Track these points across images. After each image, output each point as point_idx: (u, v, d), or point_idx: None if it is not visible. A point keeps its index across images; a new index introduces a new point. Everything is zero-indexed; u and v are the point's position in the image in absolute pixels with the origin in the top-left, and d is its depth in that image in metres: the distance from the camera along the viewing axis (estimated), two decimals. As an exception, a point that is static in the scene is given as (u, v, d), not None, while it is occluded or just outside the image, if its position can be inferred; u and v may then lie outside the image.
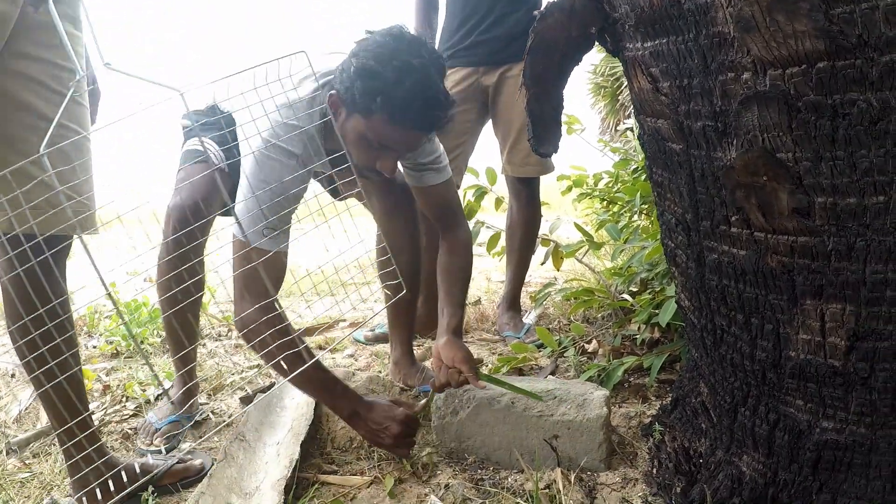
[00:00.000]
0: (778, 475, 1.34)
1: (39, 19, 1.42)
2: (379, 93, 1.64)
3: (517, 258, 3.07)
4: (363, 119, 1.70)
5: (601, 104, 16.39)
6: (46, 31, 1.44)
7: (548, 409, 1.81)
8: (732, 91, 1.05)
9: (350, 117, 1.74)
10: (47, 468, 1.90)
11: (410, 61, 1.64)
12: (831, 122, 0.97)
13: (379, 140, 1.73)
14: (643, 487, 1.69)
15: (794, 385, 1.24)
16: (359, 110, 1.70)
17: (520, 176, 2.92)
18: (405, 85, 1.63)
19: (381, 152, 1.77)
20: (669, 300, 2.13)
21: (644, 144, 1.39)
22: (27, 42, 1.43)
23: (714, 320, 1.36)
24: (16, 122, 1.45)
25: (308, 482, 1.78)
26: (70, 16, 1.50)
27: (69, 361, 1.55)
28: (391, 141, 1.74)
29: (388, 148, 1.76)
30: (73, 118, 1.52)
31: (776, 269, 1.14)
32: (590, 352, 2.59)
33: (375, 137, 1.73)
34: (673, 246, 1.41)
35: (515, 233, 3.03)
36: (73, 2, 1.51)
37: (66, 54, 1.48)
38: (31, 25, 1.43)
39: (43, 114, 1.46)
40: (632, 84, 1.31)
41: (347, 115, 1.75)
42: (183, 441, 2.08)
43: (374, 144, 1.75)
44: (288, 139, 1.75)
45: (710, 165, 1.15)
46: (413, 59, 1.65)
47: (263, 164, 1.74)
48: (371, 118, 1.69)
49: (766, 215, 1.10)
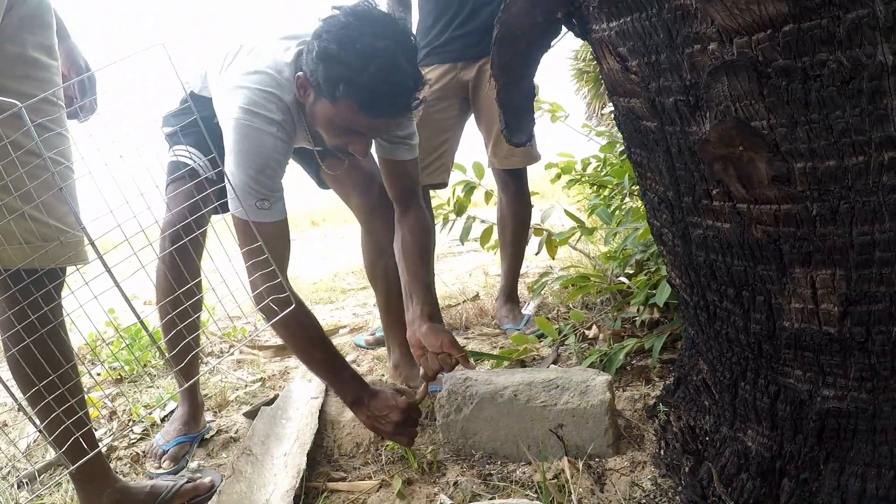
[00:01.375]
0: (784, 448, 1.32)
1: (13, 51, 1.40)
2: (342, 80, 1.59)
3: (511, 251, 3.06)
4: (330, 104, 1.66)
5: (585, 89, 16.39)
6: (23, 62, 1.42)
7: (551, 399, 1.80)
8: (700, 63, 1.03)
9: (317, 101, 1.71)
10: (59, 498, 1.89)
11: (375, 44, 1.58)
12: (803, 85, 0.95)
13: (347, 125, 1.69)
14: (652, 469, 1.69)
15: (791, 355, 1.23)
16: (324, 95, 1.66)
17: (506, 168, 2.91)
18: (370, 70, 1.57)
19: (351, 136, 1.74)
20: (665, 279, 2.12)
21: (620, 125, 1.37)
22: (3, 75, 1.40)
23: (706, 296, 1.34)
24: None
25: (317, 491, 1.77)
26: (44, 46, 1.48)
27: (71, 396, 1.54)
28: (359, 126, 1.70)
29: (357, 132, 1.73)
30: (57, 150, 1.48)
31: (762, 239, 1.13)
32: (590, 338, 2.57)
33: (343, 123, 1.69)
34: (658, 225, 1.40)
35: (507, 225, 3.02)
36: (45, 32, 1.48)
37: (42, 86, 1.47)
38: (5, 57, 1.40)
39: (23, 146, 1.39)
40: (602, 65, 1.30)
41: (315, 97, 1.71)
42: (191, 460, 2.07)
43: (342, 129, 1.71)
44: (266, 105, 1.71)
45: (686, 140, 1.14)
46: (378, 41, 1.58)
47: (244, 134, 1.70)
48: (337, 104, 1.65)
49: (747, 186, 1.08)
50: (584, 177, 3.46)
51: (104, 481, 1.66)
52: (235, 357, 3.11)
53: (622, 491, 1.61)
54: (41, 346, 1.47)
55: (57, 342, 1.51)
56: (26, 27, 1.43)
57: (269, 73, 1.75)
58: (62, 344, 1.54)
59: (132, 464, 2.11)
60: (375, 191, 2.24)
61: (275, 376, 2.79)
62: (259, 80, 1.73)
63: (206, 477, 1.88)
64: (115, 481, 1.70)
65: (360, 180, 2.24)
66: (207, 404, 2.47)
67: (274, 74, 1.75)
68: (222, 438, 2.18)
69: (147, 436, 2.30)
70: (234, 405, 2.49)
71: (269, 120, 1.70)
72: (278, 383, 2.70)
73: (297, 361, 2.95)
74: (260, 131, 1.70)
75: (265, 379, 2.75)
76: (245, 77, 1.75)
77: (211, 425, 2.27)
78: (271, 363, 2.97)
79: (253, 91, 1.71)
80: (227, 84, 1.79)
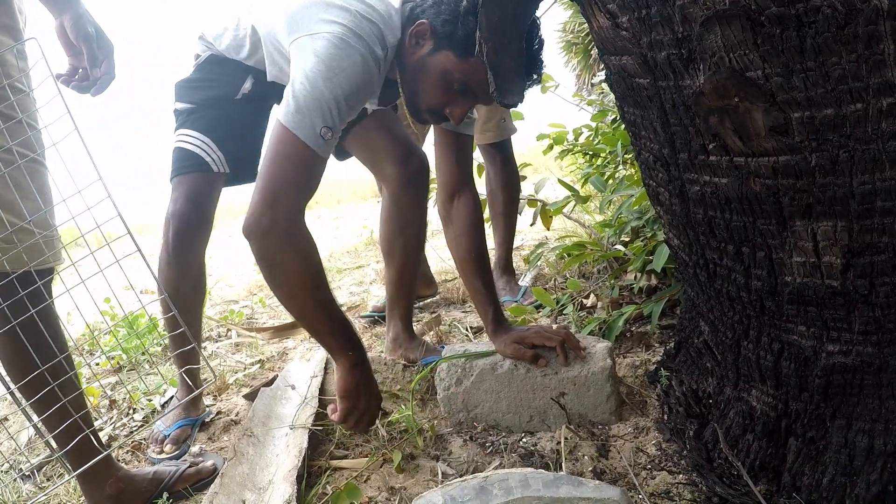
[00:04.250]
0: (789, 406, 1.31)
1: None
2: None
3: (503, 222, 3.04)
4: (456, 58, 1.61)
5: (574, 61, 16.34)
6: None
7: (552, 368, 1.78)
8: (692, 14, 1.01)
9: (437, 52, 1.64)
10: (62, 489, 1.88)
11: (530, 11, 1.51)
12: (797, 32, 0.93)
13: (465, 83, 1.63)
14: (656, 435, 1.68)
15: (794, 311, 1.21)
16: (454, 48, 1.60)
17: (482, 143, 2.91)
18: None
19: (458, 97, 1.68)
20: (662, 245, 2.11)
21: (612, 85, 1.35)
22: None
23: (705, 255, 1.32)
24: None
25: (320, 469, 1.76)
26: (6, 25, 1.39)
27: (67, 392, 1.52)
28: (480, 87, 1.63)
29: (472, 94, 1.66)
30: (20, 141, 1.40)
31: (761, 192, 1.11)
32: (588, 306, 2.56)
33: (462, 80, 1.63)
34: (654, 185, 1.37)
35: (497, 196, 3.01)
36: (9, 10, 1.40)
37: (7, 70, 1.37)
38: None
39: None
40: (591, 24, 1.27)
41: (434, 48, 1.65)
42: (193, 444, 2.06)
43: (456, 87, 1.65)
44: (370, 36, 1.58)
45: (680, 95, 1.11)
46: (532, 9, 1.51)
47: (345, 52, 1.53)
48: (466, 60, 1.59)
49: (743, 138, 1.06)
50: (577, 146, 3.43)
51: (106, 471, 1.64)
52: (233, 340, 3.10)
53: (627, 457, 1.60)
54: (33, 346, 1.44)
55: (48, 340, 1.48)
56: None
57: (377, 9, 1.65)
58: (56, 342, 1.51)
59: (133, 451, 2.10)
60: (414, 164, 2.17)
61: (273, 357, 2.77)
62: (365, 10, 1.61)
63: (209, 460, 1.87)
64: (118, 470, 1.68)
65: (398, 151, 2.16)
66: (207, 388, 2.46)
67: (381, 11, 1.65)
68: (223, 421, 2.17)
69: (147, 422, 2.28)
70: (233, 388, 2.48)
71: (371, 50, 1.58)
72: (277, 364, 2.68)
73: (294, 342, 2.94)
74: (363, 55, 1.56)
75: (264, 361, 2.74)
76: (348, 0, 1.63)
77: (211, 409, 2.25)
78: (269, 345, 2.95)
79: (359, 17, 1.59)
80: (319, 2, 1.64)
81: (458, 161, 1.99)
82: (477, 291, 1.95)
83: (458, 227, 1.98)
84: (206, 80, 1.99)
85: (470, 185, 2.00)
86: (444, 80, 1.65)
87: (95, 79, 1.54)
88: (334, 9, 1.60)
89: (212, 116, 1.97)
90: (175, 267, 1.99)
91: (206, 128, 1.96)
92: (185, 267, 2.01)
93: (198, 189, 1.95)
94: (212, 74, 1.98)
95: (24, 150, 1.41)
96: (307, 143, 1.49)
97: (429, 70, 1.66)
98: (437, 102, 1.70)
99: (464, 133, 1.97)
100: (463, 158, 2.00)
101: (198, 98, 1.99)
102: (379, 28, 1.61)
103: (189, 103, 1.99)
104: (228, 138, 1.98)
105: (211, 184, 1.98)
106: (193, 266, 2.03)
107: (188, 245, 1.98)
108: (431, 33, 1.64)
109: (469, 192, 1.99)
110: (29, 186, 1.41)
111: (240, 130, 2.02)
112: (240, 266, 5.32)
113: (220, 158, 1.96)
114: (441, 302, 3.20)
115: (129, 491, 1.67)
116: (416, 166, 2.17)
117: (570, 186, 2.89)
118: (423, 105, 1.73)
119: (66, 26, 1.48)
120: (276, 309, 3.72)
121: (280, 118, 1.51)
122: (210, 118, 1.97)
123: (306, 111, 1.49)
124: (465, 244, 1.96)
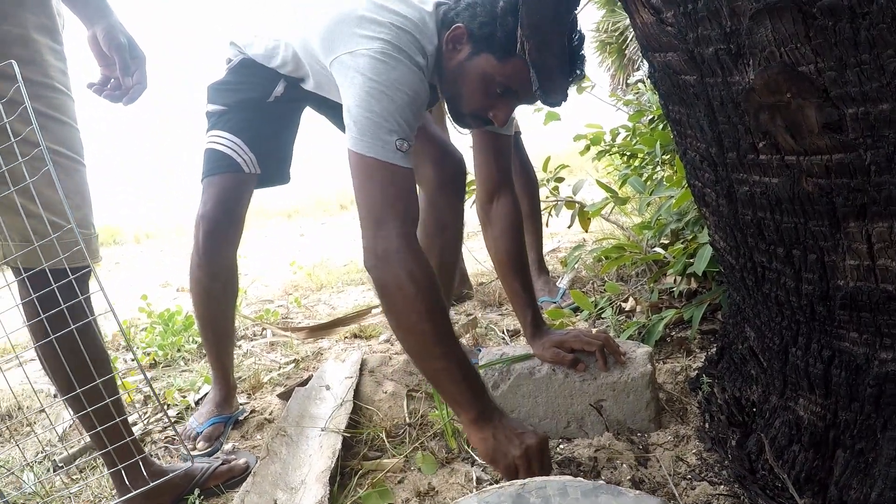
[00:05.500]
0: (838, 416, 1.26)
1: (13, 32, 1.33)
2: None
3: (531, 224, 3.01)
4: (496, 61, 1.57)
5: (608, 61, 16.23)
6: (22, 45, 1.35)
7: (590, 373, 1.75)
8: (741, 7, 0.97)
9: (476, 56, 1.61)
10: (94, 482, 1.89)
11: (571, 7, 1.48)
12: (851, 24, 0.89)
13: (507, 86, 1.60)
14: (696, 444, 1.63)
15: (847, 316, 1.16)
16: (494, 50, 1.57)
17: None
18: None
19: (501, 99, 1.64)
20: (703, 247, 2.06)
21: (656, 83, 1.31)
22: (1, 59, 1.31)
23: (753, 258, 1.28)
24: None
25: (353, 471, 1.74)
26: (47, 27, 1.41)
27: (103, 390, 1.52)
28: (523, 88, 1.59)
29: (515, 95, 1.63)
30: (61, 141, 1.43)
31: (813, 192, 1.06)
32: (627, 310, 2.52)
33: (504, 82, 1.59)
34: (700, 185, 1.33)
35: (521, 199, 2.97)
36: (46, 11, 1.41)
37: (46, 71, 1.39)
38: (3, 39, 1.33)
39: (25, 138, 1.34)
40: (634, 21, 1.23)
41: (473, 52, 1.61)
42: (226, 442, 2.06)
43: (498, 90, 1.62)
44: (410, 47, 1.56)
45: (729, 92, 1.07)
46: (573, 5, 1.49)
47: (391, 65, 1.52)
48: (507, 61, 1.56)
49: (796, 136, 1.02)
50: (614, 147, 3.39)
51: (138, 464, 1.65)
52: (268, 339, 3.10)
53: (666, 466, 1.56)
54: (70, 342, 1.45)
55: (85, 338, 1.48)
56: (27, 6, 1.36)
57: (412, 18, 1.62)
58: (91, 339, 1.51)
59: (166, 447, 2.10)
60: (451, 165, 2.14)
61: (308, 357, 2.77)
62: (400, 21, 1.59)
63: (241, 458, 1.87)
64: (150, 464, 1.68)
65: (435, 152, 2.13)
66: (242, 386, 2.46)
67: (415, 20, 1.62)
68: (257, 420, 2.17)
69: (181, 419, 2.29)
70: (268, 387, 2.48)
71: (414, 60, 1.56)
72: (312, 364, 2.68)
73: (329, 342, 2.93)
74: (408, 66, 1.54)
75: (299, 360, 2.74)
76: (381, 13, 1.60)
77: (245, 407, 2.25)
78: (304, 345, 2.95)
79: (394, 29, 1.57)
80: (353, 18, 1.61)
81: (496, 161, 1.96)
82: (515, 294, 1.92)
83: (496, 228, 1.95)
84: (238, 83, 1.99)
85: (509, 186, 1.97)
86: (486, 83, 1.62)
87: (127, 88, 1.55)
88: (367, 22, 1.57)
89: (243, 118, 1.97)
90: (205, 268, 2.00)
91: (237, 129, 1.96)
92: (214, 268, 2.01)
93: (228, 190, 1.95)
94: (244, 77, 1.98)
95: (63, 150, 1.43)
96: (385, 160, 1.47)
97: (469, 75, 1.63)
98: (479, 107, 1.67)
99: (502, 133, 1.94)
100: (502, 159, 1.97)
101: (230, 100, 1.99)
102: (415, 37, 1.59)
103: (221, 105, 1.99)
104: (259, 140, 1.97)
105: (241, 185, 1.97)
106: (223, 267, 2.04)
107: (218, 246, 1.98)
108: (468, 37, 1.61)
109: (509, 193, 1.96)
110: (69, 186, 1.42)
111: (271, 132, 2.02)
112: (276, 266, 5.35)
113: (251, 159, 1.96)
114: (477, 304, 3.17)
115: (161, 486, 1.67)
116: (452, 167, 2.14)
117: (608, 188, 2.85)
118: (465, 110, 1.70)
119: (99, 37, 1.50)
120: (311, 309, 3.73)
121: (350, 147, 1.50)
122: (241, 120, 1.96)
123: (373, 131, 1.47)
124: (505, 245, 1.93)
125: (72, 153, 1.45)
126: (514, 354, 1.86)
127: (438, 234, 2.24)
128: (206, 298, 2.06)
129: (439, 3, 1.70)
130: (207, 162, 1.98)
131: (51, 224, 1.38)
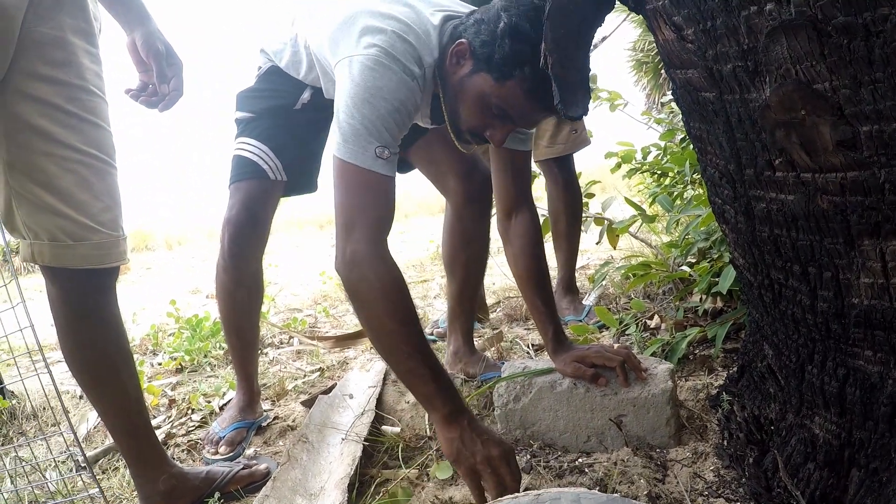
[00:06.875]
0: (853, 435, 1.25)
1: (50, 34, 1.36)
2: (527, 62, 1.48)
3: (566, 243, 3.01)
4: (493, 82, 1.55)
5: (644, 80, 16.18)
6: (59, 47, 1.38)
7: (611, 388, 1.75)
8: (757, 25, 0.98)
9: (475, 74, 1.58)
10: (116, 483, 1.93)
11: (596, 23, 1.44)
12: (865, 42, 0.89)
13: (503, 108, 1.58)
14: (715, 461, 1.63)
15: (861, 335, 1.16)
16: (492, 71, 1.55)
17: (552, 157, 2.86)
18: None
19: (497, 120, 1.62)
20: (729, 267, 2.05)
21: (678, 100, 1.32)
22: (38, 60, 1.36)
23: (770, 275, 1.28)
24: (30, 149, 1.38)
25: (371, 479, 1.76)
26: (84, 30, 1.44)
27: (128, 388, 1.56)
28: (517, 113, 1.59)
29: (509, 118, 1.60)
30: (93, 143, 1.46)
31: (828, 210, 1.07)
32: (652, 327, 2.51)
33: (499, 104, 1.57)
34: (720, 202, 1.34)
35: (560, 218, 2.97)
36: (83, 14, 1.44)
37: (81, 73, 1.43)
38: (40, 41, 1.35)
39: (59, 140, 1.39)
40: (657, 37, 1.25)
41: (473, 70, 1.59)
42: (248, 447, 2.09)
43: (494, 111, 1.59)
44: (406, 56, 1.56)
45: (746, 108, 1.08)
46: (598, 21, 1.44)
47: (380, 72, 1.52)
48: (504, 84, 1.53)
49: (810, 153, 1.03)
50: (645, 165, 3.39)
51: (160, 467, 1.68)
52: (295, 347, 3.14)
53: (684, 482, 1.56)
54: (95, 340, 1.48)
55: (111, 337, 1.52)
56: (64, 9, 1.39)
57: (414, 28, 1.62)
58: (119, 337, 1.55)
59: (189, 451, 2.14)
60: (477, 179, 2.15)
61: (333, 366, 2.80)
62: (401, 29, 1.59)
63: (262, 463, 1.89)
64: (171, 466, 1.71)
65: (462, 166, 2.14)
66: (266, 393, 2.50)
67: (417, 30, 1.63)
68: (279, 426, 2.19)
69: (205, 424, 2.33)
70: (292, 394, 2.51)
71: (408, 70, 1.56)
72: (337, 373, 2.71)
73: (355, 352, 2.96)
74: (399, 74, 1.54)
75: (324, 369, 2.77)
76: (384, 20, 1.61)
77: (268, 414, 2.28)
78: (330, 354, 2.98)
79: (393, 37, 1.57)
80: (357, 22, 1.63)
81: (514, 178, 1.95)
82: (537, 309, 1.93)
83: (515, 245, 1.94)
84: (266, 91, 2.03)
85: (528, 203, 1.96)
86: (482, 102, 1.59)
87: (164, 95, 1.58)
88: (371, 27, 1.59)
89: (270, 125, 2.00)
90: (231, 272, 2.03)
91: (264, 136, 1.99)
92: (239, 273, 2.05)
93: (254, 196, 1.98)
94: (272, 85, 2.01)
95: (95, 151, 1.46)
96: (364, 166, 1.49)
97: (467, 91, 1.61)
98: (476, 124, 1.65)
99: (519, 150, 1.92)
100: (519, 175, 1.95)
101: (257, 108, 2.02)
102: (415, 47, 1.59)
103: (249, 112, 2.02)
104: (286, 147, 2.00)
105: (267, 191, 2.01)
106: (248, 272, 2.07)
107: (243, 251, 2.02)
108: (470, 54, 1.59)
109: (527, 210, 1.94)
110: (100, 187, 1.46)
111: (298, 140, 2.04)
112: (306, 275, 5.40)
113: (278, 166, 1.99)
114: (504, 318, 3.18)
115: (182, 488, 1.70)
116: (479, 181, 2.15)
117: (637, 205, 2.85)
118: (463, 126, 1.68)
119: (137, 43, 1.53)
120: (338, 319, 3.76)
121: (334, 153, 1.53)
122: (268, 127, 2.00)
123: (354, 138, 1.49)
124: (524, 263, 1.93)
125: (104, 155, 1.49)
126: (535, 368, 1.87)
127: (465, 247, 2.26)
128: (232, 304, 2.09)
129: (450, 17, 1.70)
130: (235, 168, 2.02)
131: (80, 225, 1.42)
